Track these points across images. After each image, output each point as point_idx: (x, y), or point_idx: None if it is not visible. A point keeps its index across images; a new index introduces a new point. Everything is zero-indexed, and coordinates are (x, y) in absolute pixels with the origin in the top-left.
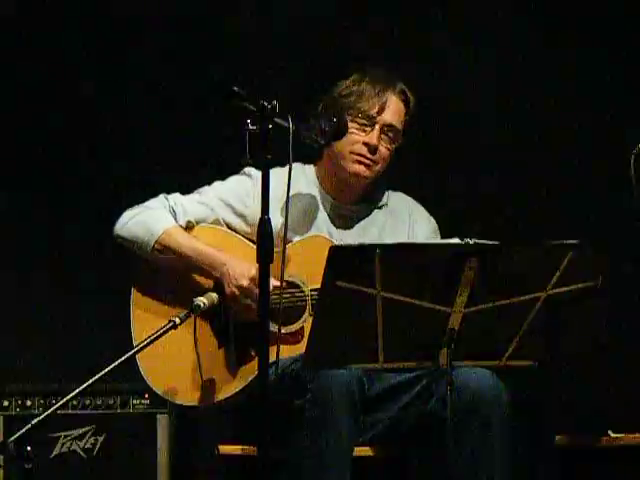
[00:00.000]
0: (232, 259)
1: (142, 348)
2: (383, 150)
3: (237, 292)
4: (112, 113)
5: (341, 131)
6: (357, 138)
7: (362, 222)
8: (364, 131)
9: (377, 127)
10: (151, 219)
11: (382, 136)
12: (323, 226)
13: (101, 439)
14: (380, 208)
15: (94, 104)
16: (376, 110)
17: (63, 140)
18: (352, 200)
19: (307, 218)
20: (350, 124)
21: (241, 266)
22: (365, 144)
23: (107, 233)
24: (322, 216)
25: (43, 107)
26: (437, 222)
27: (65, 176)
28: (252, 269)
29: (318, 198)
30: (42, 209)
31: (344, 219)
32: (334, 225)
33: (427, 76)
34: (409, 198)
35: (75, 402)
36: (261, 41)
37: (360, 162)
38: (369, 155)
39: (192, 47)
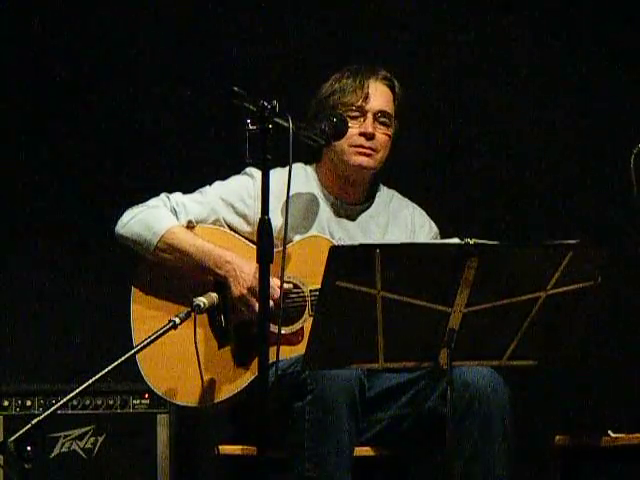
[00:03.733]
0: (237, 258)
1: (142, 348)
2: (380, 136)
3: (246, 292)
4: (112, 113)
5: (341, 131)
6: (352, 131)
7: (364, 223)
8: (357, 123)
9: (369, 115)
10: (153, 218)
11: (376, 124)
12: (324, 226)
13: (101, 439)
14: (382, 210)
15: (95, 104)
16: (361, 99)
17: (63, 139)
18: (354, 200)
19: (308, 218)
20: None
21: (248, 265)
22: (361, 134)
23: (107, 233)
24: (323, 216)
25: (43, 106)
26: (437, 222)
27: (65, 175)
28: (257, 270)
29: (319, 198)
30: (42, 209)
31: (346, 219)
32: (335, 225)
33: (427, 76)
34: (412, 202)
35: (75, 402)
36: (261, 41)
37: (361, 153)
38: (368, 144)
39: (193, 47)
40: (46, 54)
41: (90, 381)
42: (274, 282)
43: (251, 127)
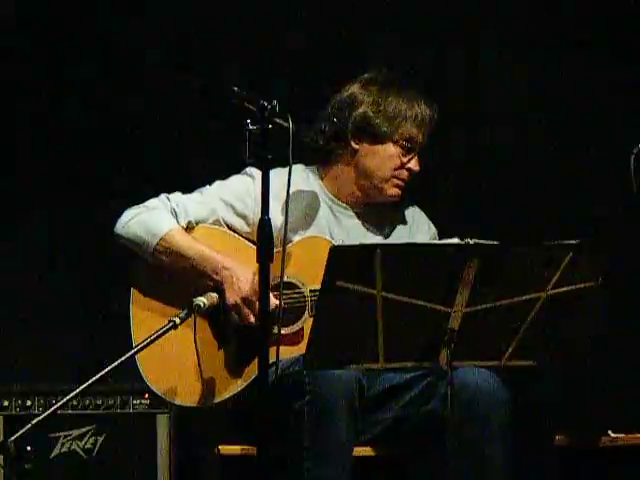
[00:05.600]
0: (234, 264)
1: (142, 348)
2: None
3: (239, 301)
4: (112, 113)
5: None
6: (399, 162)
7: (363, 224)
8: (403, 154)
9: (416, 151)
10: (153, 220)
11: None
12: (324, 226)
13: (101, 439)
14: (381, 211)
15: (95, 104)
16: (420, 135)
17: (63, 140)
18: (355, 202)
19: (308, 218)
20: (393, 147)
21: (245, 273)
22: (409, 169)
23: (107, 232)
24: (323, 216)
25: (43, 107)
26: (437, 222)
27: (65, 173)
28: (255, 277)
29: (319, 198)
30: (42, 209)
31: (346, 220)
32: (335, 225)
33: (427, 77)
34: (410, 203)
35: (75, 402)
36: (261, 41)
37: (399, 186)
38: (407, 178)
39: (193, 47)
40: (46, 53)
41: (90, 381)
42: (271, 299)
43: (251, 127)
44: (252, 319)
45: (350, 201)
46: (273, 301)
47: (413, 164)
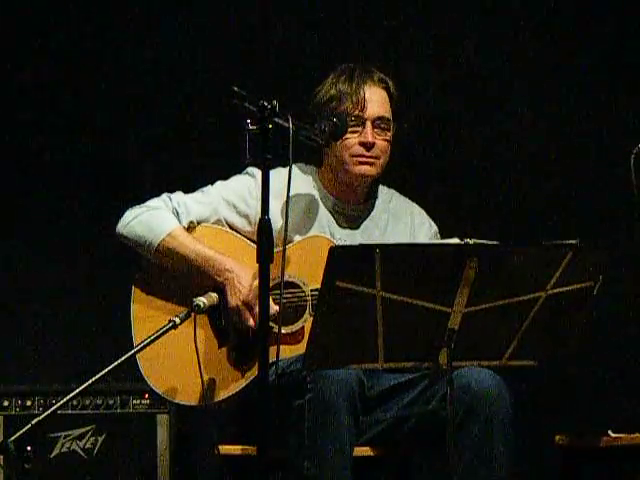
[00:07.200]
0: (237, 266)
1: (142, 348)
2: (380, 143)
3: (240, 304)
4: (113, 112)
5: (341, 131)
6: (352, 141)
7: (364, 223)
8: (356, 132)
9: (368, 124)
10: (155, 220)
11: (375, 130)
12: (325, 226)
13: (101, 439)
14: (382, 210)
15: (95, 103)
16: (358, 108)
17: (62, 139)
18: (354, 200)
19: (308, 218)
20: None
21: (247, 276)
22: (361, 144)
23: (108, 232)
24: (324, 216)
25: (43, 107)
26: (437, 222)
27: (66, 174)
28: (256, 280)
29: (319, 198)
30: (42, 209)
31: (346, 219)
32: (336, 225)
33: (427, 76)
34: (411, 202)
35: (75, 402)
36: (261, 40)
37: (362, 162)
38: (368, 153)
39: (193, 47)
40: (47, 52)
41: (90, 381)
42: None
43: (251, 127)
44: (252, 323)
45: (347, 198)
46: (273, 307)
47: (364, 137)
